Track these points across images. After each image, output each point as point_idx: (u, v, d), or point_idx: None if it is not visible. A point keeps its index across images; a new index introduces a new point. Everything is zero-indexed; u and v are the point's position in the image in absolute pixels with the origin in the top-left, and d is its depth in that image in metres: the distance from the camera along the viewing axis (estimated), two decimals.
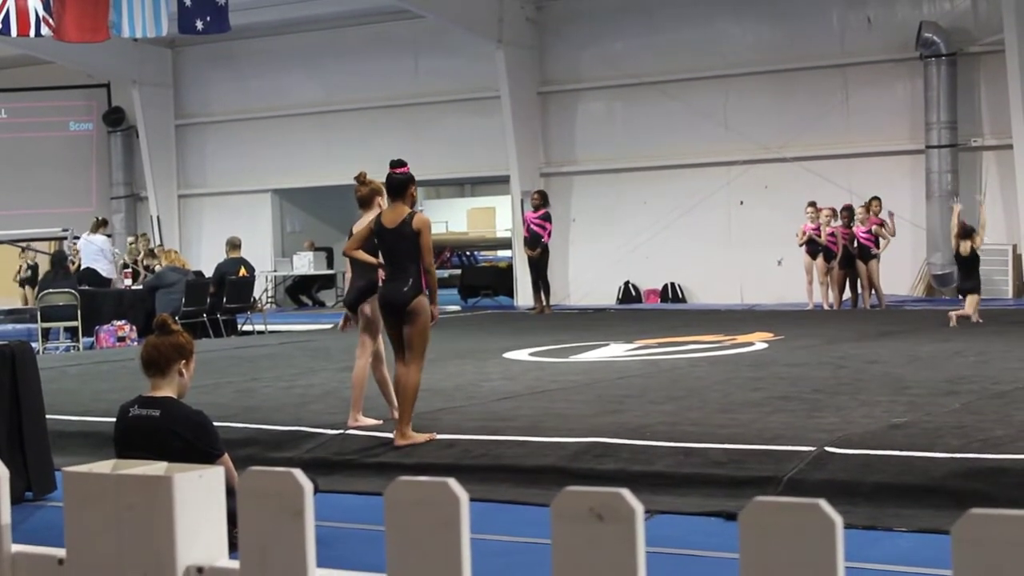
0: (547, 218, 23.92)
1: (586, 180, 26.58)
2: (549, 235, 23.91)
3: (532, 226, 23.79)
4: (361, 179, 10.45)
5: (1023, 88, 21.97)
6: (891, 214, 21.87)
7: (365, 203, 10.34)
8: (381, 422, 9.91)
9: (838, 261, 21.97)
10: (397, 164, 9.60)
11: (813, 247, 22.01)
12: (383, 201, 10.06)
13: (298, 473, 2.55)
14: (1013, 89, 22.03)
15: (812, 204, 22.20)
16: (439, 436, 9.41)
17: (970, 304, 17.82)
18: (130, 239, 28.10)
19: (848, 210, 22.17)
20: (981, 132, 23.24)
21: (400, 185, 9.47)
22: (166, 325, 6.87)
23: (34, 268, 29.73)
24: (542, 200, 24.08)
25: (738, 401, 10.59)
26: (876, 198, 22.12)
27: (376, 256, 9.71)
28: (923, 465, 7.74)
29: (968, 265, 18.02)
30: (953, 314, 17.71)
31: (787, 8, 24.66)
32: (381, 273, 9.65)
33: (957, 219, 18.48)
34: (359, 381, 10.20)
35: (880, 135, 23.90)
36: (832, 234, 21.90)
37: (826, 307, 22.01)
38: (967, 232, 17.91)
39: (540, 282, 23.86)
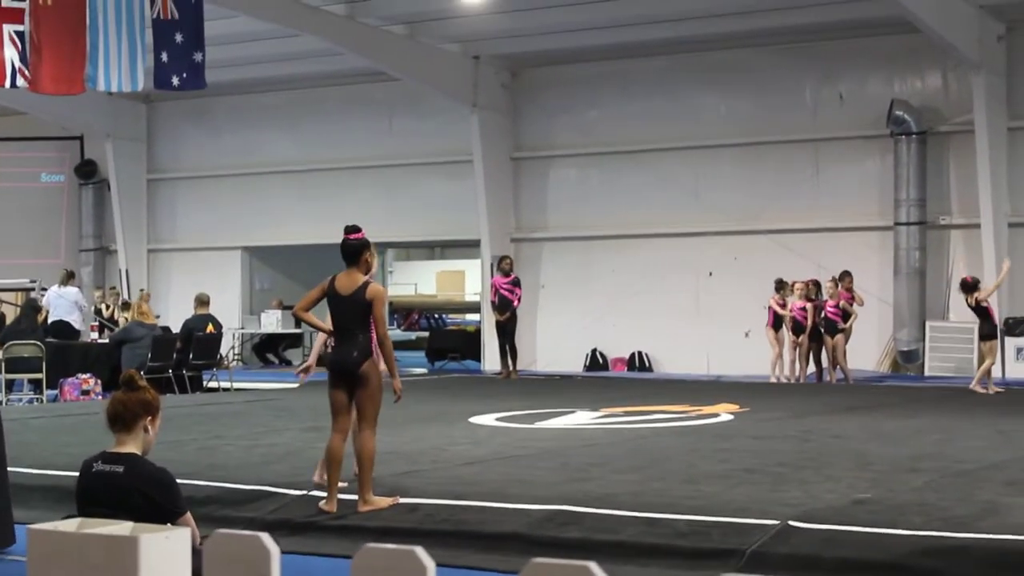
0: (517, 283, 23.98)
1: (556, 246, 26.65)
2: (519, 300, 23.95)
3: (502, 291, 23.81)
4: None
5: (991, 168, 22.17)
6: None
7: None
8: (346, 484, 9.81)
9: (807, 335, 22.06)
10: (352, 230, 9.57)
11: (777, 321, 22.17)
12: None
13: (265, 537, 2.55)
14: (981, 169, 22.23)
15: (779, 282, 22.29)
16: (403, 500, 9.37)
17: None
18: (96, 293, 27.96)
19: (815, 284, 22.29)
20: (949, 210, 23.42)
21: (355, 251, 9.50)
22: (133, 381, 6.83)
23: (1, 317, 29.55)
24: (511, 266, 24.15)
25: (703, 472, 10.59)
26: (847, 273, 22.21)
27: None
28: (885, 542, 7.75)
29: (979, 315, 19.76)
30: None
31: (760, 82, 24.86)
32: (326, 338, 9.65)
33: (1006, 274, 20.29)
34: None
35: (850, 210, 24.05)
36: (803, 308, 21.99)
37: (783, 380, 22.05)
38: (968, 287, 19.59)
39: (508, 347, 23.88)
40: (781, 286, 22.31)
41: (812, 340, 22.16)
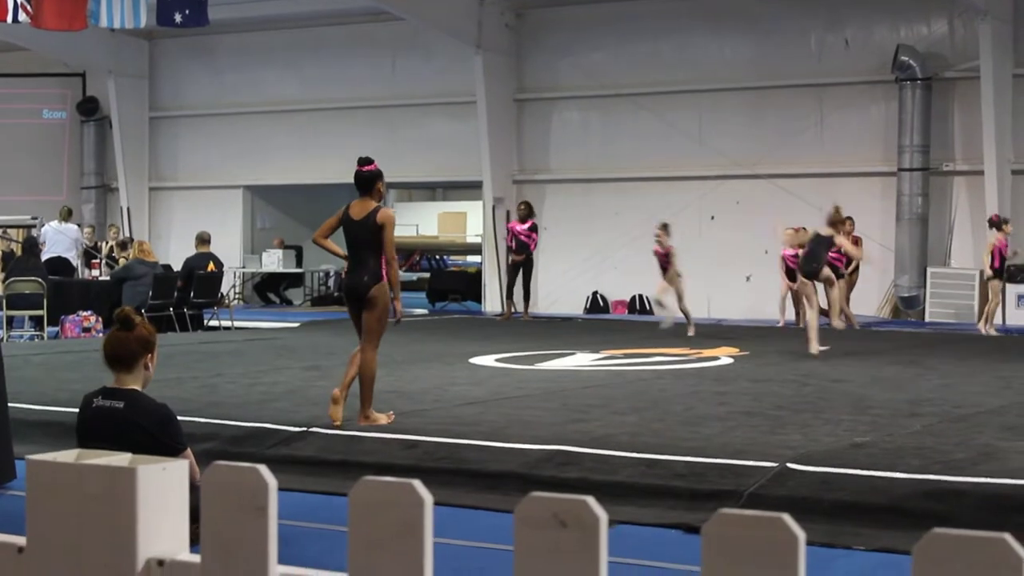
0: (534, 229, 23.84)
1: (558, 189, 26.61)
2: (535, 245, 23.87)
3: (520, 237, 23.67)
4: None
5: (996, 115, 22.12)
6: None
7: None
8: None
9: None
10: (365, 162, 10.14)
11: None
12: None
13: (262, 469, 2.55)
14: (986, 116, 22.17)
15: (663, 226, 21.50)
16: (403, 437, 9.42)
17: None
18: (87, 229, 27.86)
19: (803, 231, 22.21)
20: (953, 157, 23.37)
21: (368, 180, 10.05)
22: (129, 319, 6.78)
23: (9, 254, 29.55)
24: (528, 211, 23.93)
25: (702, 414, 10.62)
26: (849, 218, 22.14)
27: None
28: (883, 485, 7.78)
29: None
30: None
31: (765, 26, 24.75)
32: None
33: None
34: None
35: (853, 156, 24.00)
36: (795, 254, 21.91)
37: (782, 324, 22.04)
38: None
39: (524, 289, 23.77)
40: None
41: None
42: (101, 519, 2.64)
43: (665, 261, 20.33)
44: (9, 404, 9.04)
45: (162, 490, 2.66)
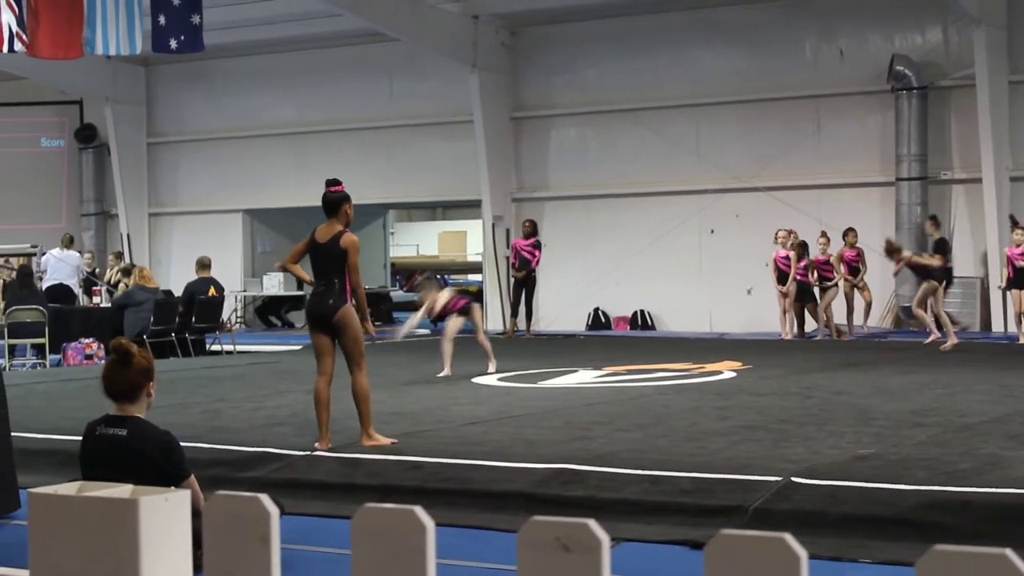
0: (537, 246, 24.01)
1: (558, 206, 26.61)
2: (537, 263, 23.99)
3: (523, 253, 23.85)
4: None
5: (992, 122, 22.13)
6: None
7: None
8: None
9: (795, 292, 22.00)
10: (332, 183, 10.29)
11: (781, 277, 22.04)
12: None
13: (264, 498, 2.55)
14: (983, 123, 22.18)
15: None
16: (407, 458, 9.41)
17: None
18: (87, 256, 27.83)
19: (803, 246, 22.16)
20: (951, 165, 23.37)
21: (335, 203, 10.15)
22: (128, 353, 6.73)
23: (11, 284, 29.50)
24: (533, 228, 24.18)
25: (705, 430, 10.60)
26: (851, 229, 22.19)
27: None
28: (889, 497, 7.76)
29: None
30: None
31: (760, 38, 24.77)
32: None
33: None
34: None
35: (851, 166, 24.00)
36: (786, 257, 21.95)
37: (788, 337, 21.98)
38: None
39: (526, 306, 23.94)
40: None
41: (802, 298, 22.09)
42: (104, 551, 2.64)
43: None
44: (12, 433, 9.03)
45: (164, 521, 2.66)
